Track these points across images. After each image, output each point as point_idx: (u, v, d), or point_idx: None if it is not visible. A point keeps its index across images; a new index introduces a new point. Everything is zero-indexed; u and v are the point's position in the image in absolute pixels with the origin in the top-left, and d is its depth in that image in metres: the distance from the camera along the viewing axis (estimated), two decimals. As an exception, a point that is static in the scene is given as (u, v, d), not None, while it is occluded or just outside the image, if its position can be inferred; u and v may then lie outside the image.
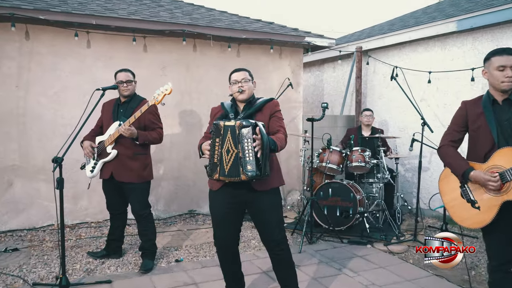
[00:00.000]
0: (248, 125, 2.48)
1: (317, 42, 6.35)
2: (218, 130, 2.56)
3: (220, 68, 5.99)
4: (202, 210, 5.96)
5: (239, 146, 2.50)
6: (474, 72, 5.25)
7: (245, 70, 2.95)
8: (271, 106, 2.86)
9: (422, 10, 7.92)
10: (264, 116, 2.80)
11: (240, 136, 2.48)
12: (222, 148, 2.55)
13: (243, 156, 2.50)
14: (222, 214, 2.80)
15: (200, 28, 5.52)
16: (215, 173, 2.58)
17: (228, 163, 2.53)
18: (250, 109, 2.82)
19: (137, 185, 3.73)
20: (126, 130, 3.49)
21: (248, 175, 2.49)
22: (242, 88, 2.82)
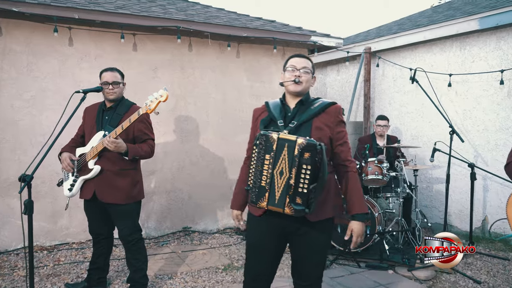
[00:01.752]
0: (312, 147, 1.95)
1: (323, 42, 5.82)
2: (269, 144, 2.02)
3: (219, 70, 5.43)
4: (197, 227, 5.37)
5: (293, 171, 1.98)
6: (503, 74, 4.75)
7: (309, 59, 2.34)
8: (334, 113, 2.22)
9: (432, 9, 7.46)
10: (323, 125, 2.18)
11: (299, 157, 1.96)
12: (274, 169, 2.02)
13: (295, 184, 1.98)
14: (262, 245, 2.25)
15: (197, 25, 4.95)
16: (263, 201, 2.05)
17: (280, 189, 2.02)
18: (306, 112, 2.20)
19: (125, 207, 3.13)
20: (111, 143, 2.89)
21: (295, 209, 1.99)
22: (300, 78, 2.20)
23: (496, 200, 5.00)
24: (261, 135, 2.04)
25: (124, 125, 2.93)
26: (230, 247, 4.70)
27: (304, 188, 1.96)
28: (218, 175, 5.48)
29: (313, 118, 2.16)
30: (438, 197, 5.71)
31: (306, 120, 2.15)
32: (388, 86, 6.37)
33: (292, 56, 2.32)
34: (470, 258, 4.36)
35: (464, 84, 5.28)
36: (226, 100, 5.50)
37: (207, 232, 5.34)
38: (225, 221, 5.57)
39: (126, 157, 3.03)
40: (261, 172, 2.03)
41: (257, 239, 2.26)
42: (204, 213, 5.42)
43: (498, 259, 4.35)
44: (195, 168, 5.33)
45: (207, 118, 5.40)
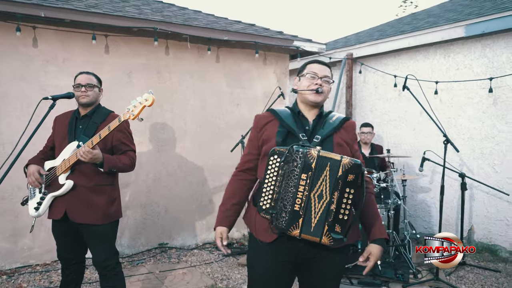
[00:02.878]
0: (358, 169, 1.74)
1: (306, 47, 5.62)
2: (307, 161, 1.75)
3: (197, 75, 5.13)
4: (175, 243, 5.01)
5: (335, 194, 1.74)
6: (492, 82, 4.69)
7: (330, 68, 2.09)
8: (351, 129, 2.06)
9: (411, 16, 7.43)
10: (343, 141, 1.98)
11: (343, 179, 1.73)
12: (312, 191, 1.75)
13: (336, 210, 1.74)
14: (272, 277, 1.96)
15: (175, 27, 4.63)
16: (295, 228, 1.77)
17: (317, 215, 1.76)
18: (326, 126, 1.98)
19: (101, 228, 2.76)
20: (86, 153, 2.53)
21: (334, 239, 1.74)
22: (321, 88, 1.96)
23: (482, 210, 4.93)
24: (294, 150, 1.76)
25: (102, 134, 2.57)
26: (212, 265, 4.37)
27: (345, 214, 1.74)
28: (197, 186, 5.15)
29: (333, 134, 1.95)
30: (422, 207, 5.61)
31: (328, 135, 1.94)
32: (370, 93, 6.25)
33: (311, 62, 2.07)
34: (462, 271, 4.24)
35: (448, 92, 5.21)
36: (205, 107, 5.19)
37: (185, 248, 4.98)
38: (204, 236, 5.23)
39: (102, 168, 2.67)
40: (294, 194, 1.76)
41: (268, 270, 1.96)
42: (181, 228, 5.07)
43: (489, 271, 4.24)
44: (172, 180, 4.98)
45: (185, 126, 5.06)
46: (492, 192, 4.79)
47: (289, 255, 1.91)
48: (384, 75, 5.92)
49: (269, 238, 1.89)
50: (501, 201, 4.74)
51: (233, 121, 5.38)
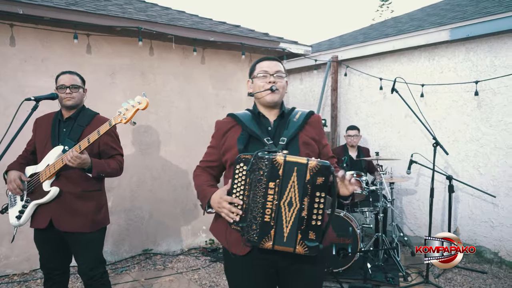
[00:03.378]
0: (326, 171, 1.63)
1: (292, 49, 5.58)
2: (274, 168, 1.64)
3: (182, 77, 5.01)
4: (159, 249, 4.87)
5: (305, 200, 1.64)
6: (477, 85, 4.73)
7: (280, 62, 2.00)
8: (317, 124, 1.97)
9: (393, 20, 7.49)
10: (309, 138, 1.89)
11: (312, 183, 1.63)
12: (281, 200, 1.65)
13: (308, 216, 1.64)
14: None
15: (160, 27, 4.50)
16: (268, 240, 1.67)
17: (289, 224, 1.66)
18: (290, 125, 1.88)
19: (88, 236, 2.63)
20: (75, 158, 2.40)
21: (308, 247, 1.65)
22: (275, 85, 1.87)
23: (467, 211, 4.97)
24: (259, 157, 1.64)
25: (91, 138, 2.44)
26: (199, 272, 4.26)
27: (318, 220, 1.65)
28: (182, 190, 5.02)
29: (299, 133, 1.86)
30: (408, 209, 5.63)
31: (294, 135, 1.84)
32: (355, 95, 6.25)
33: (260, 60, 1.98)
34: (450, 273, 4.26)
35: (433, 95, 5.25)
36: (190, 108, 5.07)
37: (170, 254, 4.84)
38: (190, 241, 5.11)
39: (90, 173, 2.54)
40: (263, 204, 1.65)
41: (245, 284, 1.89)
42: (166, 233, 4.93)
43: (476, 273, 4.27)
44: (157, 184, 4.84)
45: (169, 129, 4.93)
46: (476, 194, 4.84)
47: (266, 266, 1.83)
48: (369, 78, 5.93)
49: (242, 250, 1.80)
50: (486, 203, 4.80)
51: (218, 124, 5.27)
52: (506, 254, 4.63)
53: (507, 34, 4.56)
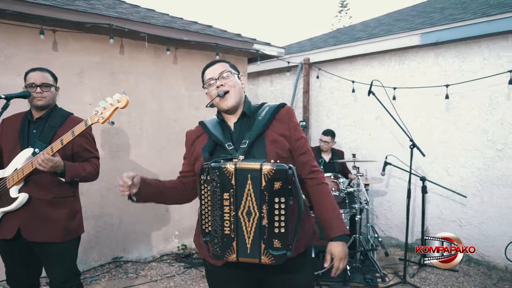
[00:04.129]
0: (283, 174, 1.51)
1: (265, 50, 5.53)
2: (226, 178, 1.54)
3: (155, 77, 4.84)
4: (130, 256, 4.67)
5: (263, 208, 1.53)
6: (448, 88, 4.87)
7: (223, 61, 1.91)
8: (286, 117, 1.81)
9: (361, 24, 7.62)
10: (278, 135, 1.75)
11: (268, 189, 1.52)
12: (238, 210, 1.56)
13: (269, 224, 1.54)
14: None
15: (132, 24, 4.32)
16: (230, 253, 1.59)
17: (250, 234, 1.57)
18: (254, 125, 1.75)
19: (61, 246, 2.44)
20: (46, 161, 2.22)
21: (274, 256, 1.55)
22: (223, 88, 1.77)
23: (436, 211, 5.10)
24: (211, 168, 1.55)
25: (65, 140, 2.27)
26: (175, 279, 4.11)
27: (281, 227, 1.54)
28: (154, 195, 4.83)
29: (265, 131, 1.74)
30: (378, 210, 5.72)
31: (258, 135, 1.72)
32: (326, 98, 6.29)
33: (204, 70, 1.89)
34: (423, 272, 4.34)
35: (403, 98, 5.35)
36: (163, 110, 4.90)
37: (141, 261, 4.65)
38: (161, 247, 4.93)
39: (63, 178, 2.36)
40: (221, 216, 1.57)
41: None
42: (137, 240, 4.73)
43: (449, 271, 4.38)
44: (128, 188, 4.63)
45: (141, 131, 4.75)
46: (445, 194, 4.98)
47: (245, 277, 1.76)
48: (340, 81, 5.98)
49: (217, 262, 1.73)
50: (454, 203, 4.94)
51: (191, 125, 5.08)
52: (474, 253, 4.78)
53: (473, 40, 4.72)
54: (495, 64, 4.54)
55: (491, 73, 4.50)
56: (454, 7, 5.89)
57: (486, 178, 4.68)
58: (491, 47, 4.61)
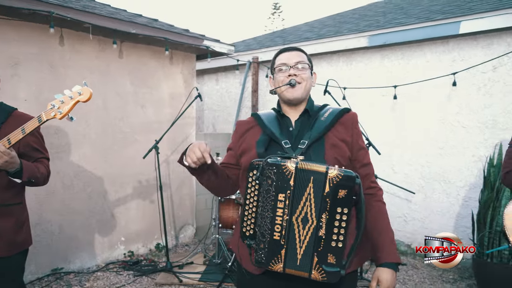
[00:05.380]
0: (350, 181, 1.38)
1: (215, 47, 5.37)
2: (284, 177, 1.39)
3: (98, 72, 4.50)
4: (72, 267, 4.28)
5: (323, 217, 1.39)
6: (390, 90, 5.05)
7: (302, 51, 1.78)
8: (351, 123, 1.68)
9: (306, 25, 7.72)
10: (339, 140, 1.63)
11: (332, 197, 1.38)
12: (293, 215, 1.41)
13: (327, 236, 1.40)
14: None
15: (76, 13, 3.96)
16: (277, 262, 1.43)
17: (303, 244, 1.42)
18: (316, 125, 1.62)
19: (6, 261, 2.12)
20: (1, 154, 1.91)
21: (327, 273, 1.41)
22: (296, 78, 1.65)
23: (383, 208, 5.28)
24: (267, 164, 1.41)
25: (13, 138, 1.98)
26: (125, 288, 3.83)
27: (340, 241, 1.40)
28: (98, 198, 4.49)
29: (326, 133, 1.62)
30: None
31: (318, 137, 1.60)
32: (275, 97, 6.23)
33: (279, 53, 1.79)
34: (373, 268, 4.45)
35: (352, 98, 5.46)
36: (107, 108, 4.56)
37: (84, 271, 4.28)
38: (106, 255, 4.59)
39: (17, 179, 2.06)
40: (272, 219, 1.42)
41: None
42: (79, 248, 4.36)
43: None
44: (69, 193, 4.25)
45: (83, 130, 4.38)
46: (391, 191, 5.17)
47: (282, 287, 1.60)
48: (289, 80, 5.99)
49: (257, 270, 1.58)
50: (400, 199, 5.15)
51: (138, 125, 4.85)
52: (418, 245, 5.00)
53: (416, 44, 4.95)
54: (437, 66, 4.79)
55: (434, 75, 4.74)
56: (395, 12, 6.16)
57: (428, 174, 4.93)
58: (433, 50, 4.86)
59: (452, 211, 4.73)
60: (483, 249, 3.79)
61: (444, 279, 4.17)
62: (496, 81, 4.40)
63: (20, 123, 2.14)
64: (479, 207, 4.00)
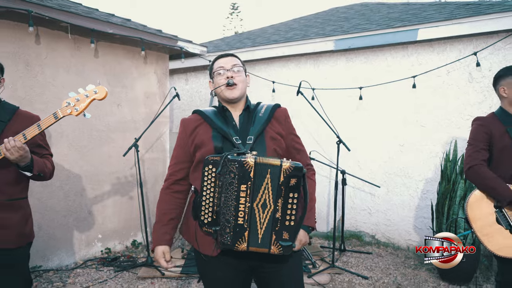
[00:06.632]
0: (299, 172, 1.65)
1: (189, 48, 5.52)
2: (244, 171, 1.63)
3: (74, 71, 4.52)
4: (50, 264, 4.29)
5: (279, 202, 1.66)
6: (356, 91, 5.40)
7: (236, 56, 2.01)
8: (283, 117, 1.98)
9: (271, 27, 7.98)
10: (275, 133, 1.89)
11: (285, 185, 1.65)
12: (254, 202, 1.66)
13: (282, 217, 1.67)
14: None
15: (53, 12, 3.98)
16: (242, 242, 1.68)
17: (263, 225, 1.68)
18: (256, 121, 1.87)
19: (15, 252, 2.21)
20: (17, 149, 2.00)
21: (283, 247, 1.68)
22: (233, 79, 1.87)
23: (349, 202, 5.63)
24: (229, 160, 1.65)
25: (29, 134, 2.08)
26: (108, 283, 3.90)
27: (292, 220, 1.68)
28: (75, 196, 4.51)
29: (265, 128, 1.88)
30: (296, 203, 6.09)
31: (260, 131, 1.85)
32: (244, 97, 6.47)
33: (216, 58, 2.02)
34: (344, 257, 4.78)
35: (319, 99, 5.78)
36: (84, 106, 4.58)
37: (63, 268, 4.30)
38: (84, 252, 4.62)
39: (29, 172, 2.15)
40: (236, 207, 1.66)
41: (220, 283, 1.88)
42: (57, 246, 4.37)
43: (365, 254, 4.89)
44: (46, 191, 4.25)
45: (60, 128, 4.38)
46: (357, 186, 5.54)
47: (239, 265, 1.84)
48: (259, 81, 6.21)
49: (214, 252, 1.81)
50: (364, 193, 5.52)
51: (113, 123, 4.90)
52: (381, 236, 5.41)
53: (379, 48, 5.34)
54: (398, 70, 5.19)
55: (395, 78, 5.13)
56: (358, 18, 6.55)
57: (391, 170, 5.32)
58: (394, 55, 5.26)
59: (412, 203, 5.15)
60: (441, 235, 4.20)
61: (406, 265, 4.55)
62: (450, 84, 4.85)
63: (24, 120, 2.25)
64: (437, 198, 4.41)
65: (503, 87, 2.48)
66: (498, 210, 2.35)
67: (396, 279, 4.10)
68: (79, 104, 2.09)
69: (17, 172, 2.16)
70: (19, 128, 2.17)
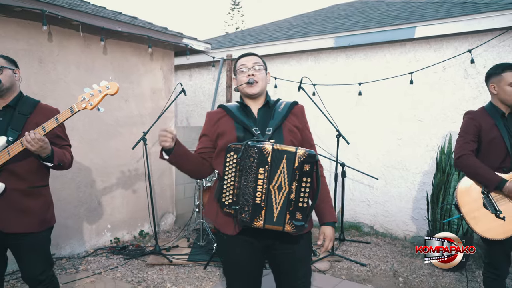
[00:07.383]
0: (312, 159, 1.84)
1: (194, 45, 5.69)
2: (262, 156, 1.82)
3: (84, 67, 4.70)
4: (63, 252, 4.50)
5: (293, 185, 1.84)
6: (355, 87, 5.58)
7: (257, 55, 2.19)
8: (300, 113, 2.16)
9: (273, 24, 8.14)
10: (293, 127, 2.08)
11: (300, 170, 1.83)
12: (271, 184, 1.84)
13: (296, 199, 1.85)
14: (245, 266, 2.07)
15: (66, 11, 4.16)
16: (259, 219, 1.85)
17: (278, 205, 1.85)
18: (275, 115, 2.06)
19: (38, 236, 2.41)
20: (37, 141, 2.18)
21: (296, 226, 1.86)
22: (253, 77, 2.05)
23: (348, 194, 5.82)
24: (249, 146, 1.84)
25: (48, 127, 2.27)
26: (119, 270, 4.10)
27: (305, 202, 1.85)
28: (86, 188, 4.71)
29: (284, 121, 2.08)
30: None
31: (278, 125, 2.05)
32: (247, 93, 6.65)
33: (240, 57, 2.21)
34: (344, 246, 4.98)
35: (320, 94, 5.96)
36: (94, 101, 4.77)
37: (75, 256, 4.51)
38: (94, 242, 4.82)
39: (49, 162, 2.33)
40: (254, 188, 1.85)
41: (240, 260, 2.07)
42: (69, 235, 4.57)
43: (363, 243, 5.09)
44: (59, 182, 4.44)
45: (71, 123, 4.55)
46: (356, 178, 5.73)
47: (256, 243, 2.02)
48: (261, 77, 6.40)
49: (234, 231, 1.99)
50: (363, 186, 5.71)
51: (122, 118, 5.09)
52: (379, 226, 5.61)
53: (377, 45, 5.51)
54: (396, 66, 5.36)
55: (393, 74, 5.31)
56: (357, 15, 6.71)
57: (389, 163, 5.51)
58: (392, 52, 5.43)
59: (410, 195, 5.34)
60: (435, 224, 4.39)
61: (403, 253, 4.75)
62: (446, 80, 5.03)
63: (44, 113, 2.43)
64: (432, 189, 4.60)
65: (493, 85, 2.65)
66: (485, 195, 2.54)
67: (393, 266, 4.30)
68: (93, 99, 2.27)
69: (38, 162, 2.34)
70: (40, 121, 2.34)
